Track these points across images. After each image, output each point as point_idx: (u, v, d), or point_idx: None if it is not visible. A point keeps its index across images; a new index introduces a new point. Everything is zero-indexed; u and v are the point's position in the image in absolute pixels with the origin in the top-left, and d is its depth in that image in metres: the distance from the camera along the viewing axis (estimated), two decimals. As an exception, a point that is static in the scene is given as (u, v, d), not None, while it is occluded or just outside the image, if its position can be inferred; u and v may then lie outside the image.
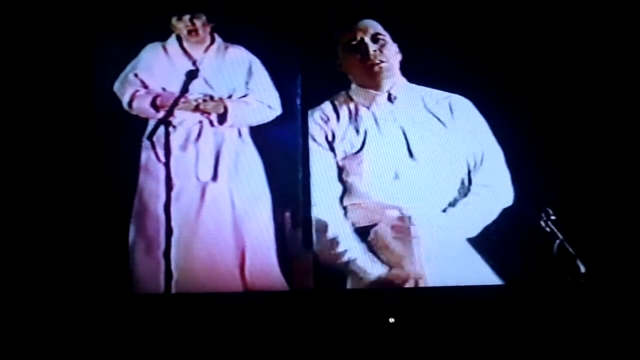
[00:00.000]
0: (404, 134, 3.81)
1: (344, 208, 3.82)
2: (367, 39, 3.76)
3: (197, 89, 3.97)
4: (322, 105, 3.90)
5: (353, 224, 3.81)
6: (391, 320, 3.79)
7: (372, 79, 3.82)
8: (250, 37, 3.99)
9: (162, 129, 3.88)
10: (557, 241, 3.70)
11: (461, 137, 3.83)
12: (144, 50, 4.00)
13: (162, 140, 3.88)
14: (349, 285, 3.77)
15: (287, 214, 3.94)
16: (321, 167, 3.85)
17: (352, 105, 3.85)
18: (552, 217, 3.68)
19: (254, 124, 3.98)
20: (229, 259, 3.91)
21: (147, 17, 3.97)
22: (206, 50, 4.00)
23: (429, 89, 3.87)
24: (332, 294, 3.83)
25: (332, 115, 3.85)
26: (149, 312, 3.78)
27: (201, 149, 3.95)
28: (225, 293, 3.85)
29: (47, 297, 3.75)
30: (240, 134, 3.98)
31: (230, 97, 3.99)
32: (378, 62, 3.77)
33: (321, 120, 3.85)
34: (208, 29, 3.99)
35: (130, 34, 3.97)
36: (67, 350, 3.69)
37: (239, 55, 4.00)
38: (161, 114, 3.93)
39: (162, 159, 3.87)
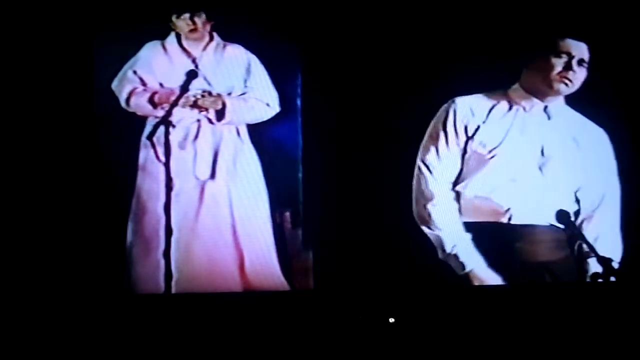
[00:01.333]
0: (542, 148, 3.81)
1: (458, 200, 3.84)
2: (574, 60, 3.73)
3: (196, 86, 3.95)
4: (472, 97, 3.87)
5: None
6: (391, 320, 3.79)
7: (545, 88, 3.79)
8: (250, 36, 3.97)
9: (162, 128, 3.87)
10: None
11: (590, 166, 3.85)
12: (143, 49, 3.98)
13: (162, 139, 3.86)
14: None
15: (287, 214, 3.94)
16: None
17: (506, 103, 3.85)
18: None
19: (252, 121, 3.97)
20: (229, 259, 3.91)
21: (146, 16, 3.95)
22: (205, 48, 3.99)
23: (578, 113, 3.88)
24: (332, 294, 3.83)
25: (481, 108, 3.84)
26: (149, 312, 3.78)
27: (199, 148, 3.94)
28: (225, 293, 3.85)
29: (46, 297, 3.74)
30: (238, 133, 3.98)
31: (229, 94, 3.98)
32: (566, 79, 3.75)
33: (468, 112, 3.84)
34: (208, 27, 3.98)
35: (130, 33, 3.95)
36: (67, 351, 3.68)
37: (238, 54, 3.99)
38: (159, 111, 3.92)
39: (162, 158, 3.85)
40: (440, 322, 3.75)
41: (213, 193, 3.94)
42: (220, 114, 3.96)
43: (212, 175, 3.95)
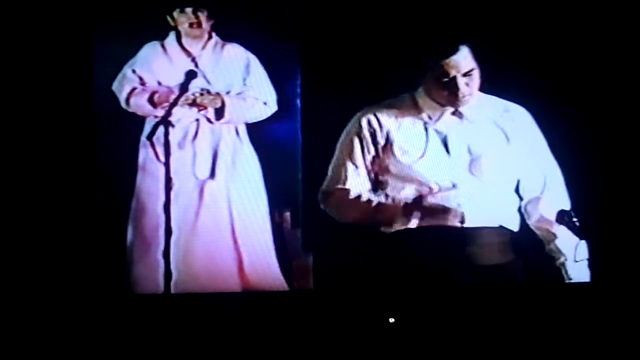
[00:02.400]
0: (468, 147, 3.75)
1: None
2: (459, 77, 3.64)
3: (195, 85, 3.95)
4: (376, 110, 3.80)
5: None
6: (391, 320, 3.79)
7: (450, 103, 3.72)
8: (249, 35, 3.96)
9: (161, 128, 3.86)
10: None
11: (522, 154, 3.78)
12: (142, 49, 3.98)
13: (162, 139, 3.86)
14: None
15: (287, 214, 3.94)
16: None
17: (415, 114, 3.79)
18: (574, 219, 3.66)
19: (251, 120, 3.97)
20: (228, 259, 3.91)
21: (146, 16, 3.95)
22: (204, 46, 3.99)
23: (492, 97, 3.80)
24: (332, 294, 3.83)
25: (389, 121, 3.78)
26: (149, 312, 3.78)
27: (198, 147, 3.94)
28: (225, 293, 3.85)
29: (46, 297, 3.74)
30: (237, 133, 3.98)
31: (228, 93, 3.98)
32: (466, 95, 3.68)
33: (375, 125, 3.77)
34: (209, 25, 3.98)
35: (130, 33, 3.95)
36: (67, 351, 3.68)
37: (236, 53, 3.99)
38: (158, 111, 3.92)
39: (162, 158, 3.85)
40: (440, 322, 3.75)
41: (212, 192, 3.93)
42: (220, 113, 3.95)
43: (211, 175, 3.95)
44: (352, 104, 3.88)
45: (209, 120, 3.96)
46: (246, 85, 3.98)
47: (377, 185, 3.78)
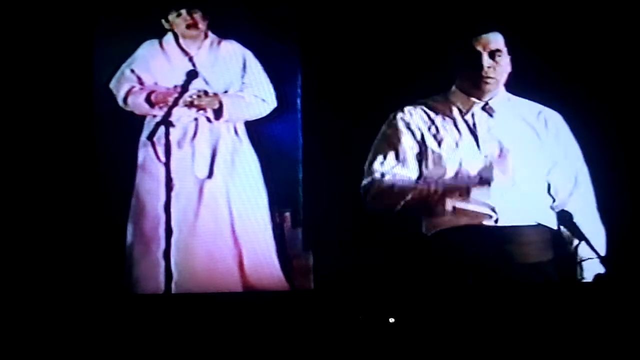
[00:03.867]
0: (500, 144, 3.74)
1: None
2: (485, 55, 3.65)
3: (194, 85, 3.95)
4: (410, 107, 3.81)
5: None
6: (391, 320, 3.80)
7: (476, 89, 3.72)
8: (249, 35, 3.97)
9: (162, 128, 3.86)
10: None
11: (554, 156, 3.77)
12: (140, 48, 3.98)
13: (162, 139, 3.86)
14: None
15: (287, 214, 3.94)
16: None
17: (447, 108, 3.79)
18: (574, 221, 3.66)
19: (250, 118, 3.97)
20: (229, 259, 3.91)
21: (144, 15, 3.95)
22: (200, 45, 3.99)
23: (525, 100, 3.80)
24: (332, 294, 3.83)
25: (423, 117, 3.78)
26: (149, 312, 3.78)
27: (198, 147, 3.94)
28: (225, 293, 3.85)
29: (46, 298, 3.74)
30: (236, 132, 3.97)
31: (226, 92, 3.98)
32: (489, 77, 3.69)
33: (409, 123, 3.77)
34: (205, 24, 3.98)
35: (128, 32, 3.95)
36: (67, 351, 3.68)
37: (233, 50, 3.99)
38: (156, 110, 3.92)
39: (162, 158, 3.86)
40: (440, 322, 3.75)
41: (212, 192, 3.94)
42: (218, 113, 3.96)
43: (211, 174, 3.95)
44: (352, 104, 3.89)
45: (208, 119, 3.96)
46: (244, 84, 3.98)
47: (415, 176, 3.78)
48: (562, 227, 3.69)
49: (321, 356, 3.72)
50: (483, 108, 3.75)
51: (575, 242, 3.69)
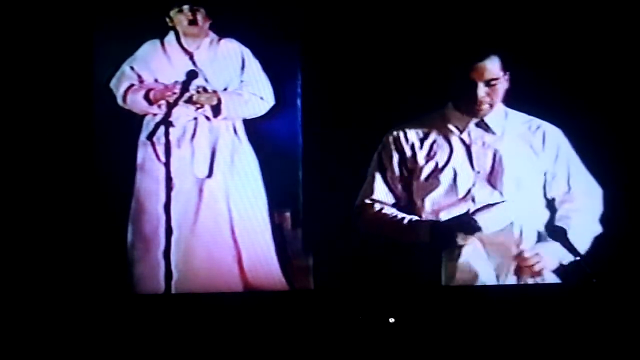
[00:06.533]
0: (495, 159, 3.74)
1: None
2: (480, 84, 3.62)
3: (194, 84, 3.94)
4: (404, 126, 3.82)
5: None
6: (391, 320, 3.80)
7: (471, 111, 3.71)
8: (249, 35, 3.96)
9: (162, 128, 3.86)
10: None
11: (551, 168, 3.77)
12: (142, 47, 3.97)
13: (162, 139, 3.86)
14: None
15: (287, 214, 3.94)
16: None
17: (443, 126, 3.78)
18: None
19: (248, 116, 3.96)
20: (229, 258, 3.91)
21: (145, 15, 3.94)
22: (200, 44, 3.98)
23: (523, 114, 3.79)
24: (332, 294, 3.83)
25: (415, 134, 3.80)
26: (149, 312, 3.78)
27: (197, 146, 3.94)
28: (225, 293, 3.86)
29: (47, 298, 3.74)
30: (235, 131, 3.97)
31: (225, 89, 3.97)
32: (484, 104, 3.68)
33: (401, 142, 3.79)
34: (207, 24, 3.97)
35: (129, 31, 3.94)
36: (67, 351, 3.68)
37: (232, 48, 3.98)
38: (154, 108, 3.91)
39: (163, 158, 3.85)
40: (440, 322, 3.76)
41: (212, 191, 3.93)
42: (216, 110, 3.95)
43: (210, 174, 3.94)
44: (352, 103, 3.89)
45: (207, 118, 3.95)
46: (242, 82, 3.98)
47: (402, 197, 3.80)
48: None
49: (321, 356, 3.73)
50: (478, 124, 3.75)
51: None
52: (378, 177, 3.80)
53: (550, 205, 3.78)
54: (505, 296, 3.73)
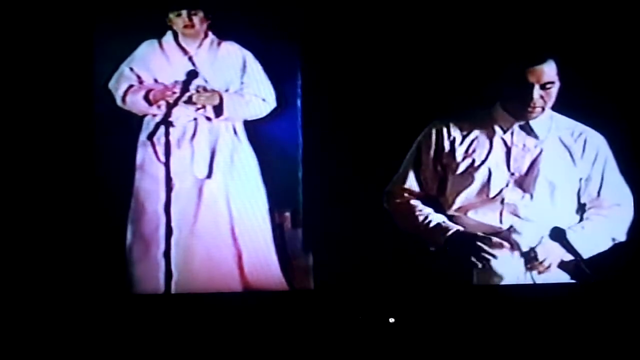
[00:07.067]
0: (532, 163, 3.74)
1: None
2: (537, 87, 3.60)
3: (193, 84, 3.95)
4: (449, 121, 3.81)
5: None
6: (391, 320, 3.80)
7: (521, 114, 3.70)
8: (248, 35, 3.96)
9: (162, 128, 3.87)
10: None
11: (585, 173, 3.77)
12: (139, 47, 3.96)
13: (162, 139, 3.86)
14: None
15: (287, 214, 3.94)
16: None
17: (488, 125, 3.78)
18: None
19: (250, 117, 3.96)
20: (229, 259, 3.91)
21: (144, 15, 3.94)
22: (200, 45, 3.98)
23: (568, 119, 3.78)
24: (332, 294, 3.83)
25: (458, 130, 3.80)
26: (149, 312, 3.78)
27: (197, 146, 3.93)
28: (225, 293, 3.85)
29: (46, 298, 3.74)
30: (235, 132, 3.97)
31: (226, 91, 3.98)
32: (537, 107, 3.66)
33: (443, 135, 3.79)
34: (205, 26, 3.97)
35: (127, 32, 3.93)
36: (67, 351, 3.68)
37: (233, 51, 3.98)
38: (154, 109, 3.91)
39: (162, 158, 3.86)
40: (440, 322, 3.76)
41: (211, 191, 3.93)
42: (218, 110, 3.94)
43: (210, 174, 3.94)
44: (352, 103, 3.90)
45: (208, 118, 3.95)
46: (243, 83, 3.98)
47: (432, 190, 3.81)
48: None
49: (321, 356, 3.73)
50: (522, 127, 3.74)
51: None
52: (412, 167, 3.80)
53: (581, 209, 3.78)
54: (508, 296, 3.73)
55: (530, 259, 3.68)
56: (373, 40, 3.90)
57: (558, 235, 3.61)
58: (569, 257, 3.69)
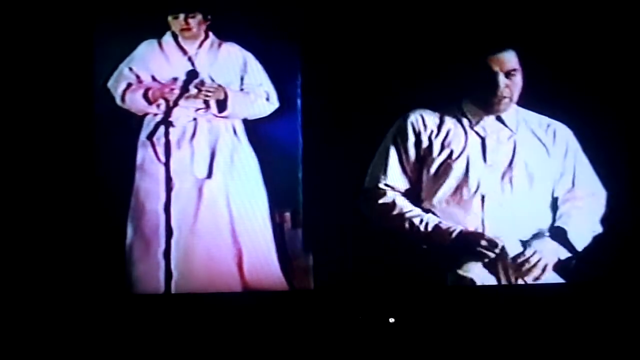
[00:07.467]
0: (509, 154, 3.77)
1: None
2: (501, 75, 3.66)
3: (193, 85, 3.95)
4: (424, 113, 3.83)
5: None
6: (391, 320, 3.80)
7: (489, 106, 3.74)
8: (248, 35, 3.96)
9: (162, 128, 3.87)
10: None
11: (560, 167, 3.79)
12: (139, 47, 3.97)
13: (162, 139, 3.86)
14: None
15: (287, 214, 3.94)
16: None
17: (457, 118, 3.80)
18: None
19: (252, 116, 3.96)
20: (229, 259, 3.91)
21: (144, 15, 3.94)
22: (200, 45, 3.98)
23: (534, 113, 3.81)
24: (332, 294, 3.83)
25: (431, 124, 3.81)
26: (149, 312, 3.78)
27: (197, 146, 3.93)
28: (225, 293, 3.85)
29: (46, 298, 3.74)
30: (235, 132, 3.97)
31: (228, 90, 4.00)
32: (505, 97, 3.70)
33: (418, 126, 3.80)
34: (203, 27, 3.98)
35: (127, 32, 3.94)
36: (67, 351, 3.68)
37: (233, 52, 3.98)
38: (153, 108, 3.92)
39: (162, 158, 3.86)
40: (440, 322, 3.76)
41: (211, 191, 3.93)
42: (222, 105, 3.95)
43: (210, 174, 3.94)
44: (352, 104, 3.90)
45: (208, 119, 3.95)
46: (244, 84, 3.98)
47: (415, 183, 3.81)
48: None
49: (321, 356, 3.73)
50: (492, 119, 3.77)
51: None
52: (393, 161, 3.80)
53: (554, 203, 3.80)
54: (507, 296, 3.74)
55: (522, 262, 3.70)
56: (373, 40, 3.91)
57: (559, 234, 3.61)
58: (563, 256, 3.71)
